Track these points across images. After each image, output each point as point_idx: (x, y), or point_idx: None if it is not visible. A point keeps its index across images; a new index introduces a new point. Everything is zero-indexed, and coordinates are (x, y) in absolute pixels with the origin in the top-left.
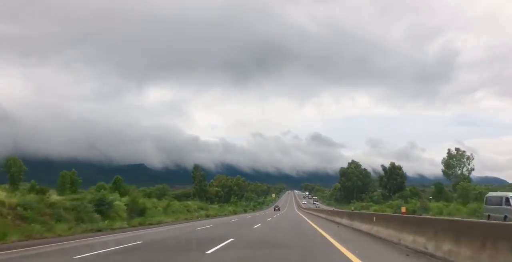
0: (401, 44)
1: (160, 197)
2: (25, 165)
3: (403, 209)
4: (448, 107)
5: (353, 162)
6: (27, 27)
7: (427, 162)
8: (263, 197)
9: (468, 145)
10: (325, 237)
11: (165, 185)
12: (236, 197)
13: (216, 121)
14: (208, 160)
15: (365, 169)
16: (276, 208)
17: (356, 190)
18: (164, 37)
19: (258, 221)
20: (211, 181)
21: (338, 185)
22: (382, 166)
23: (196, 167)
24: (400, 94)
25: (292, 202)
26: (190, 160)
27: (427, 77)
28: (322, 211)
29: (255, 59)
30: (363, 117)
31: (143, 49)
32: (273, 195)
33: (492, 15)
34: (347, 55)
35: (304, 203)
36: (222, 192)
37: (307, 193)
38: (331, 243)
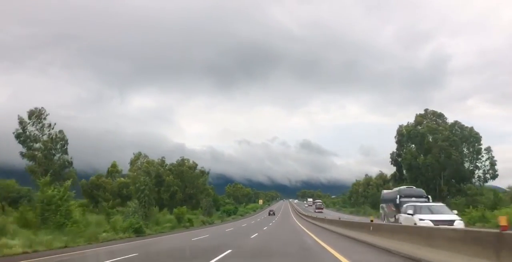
0: (391, 48)
1: None
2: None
3: None
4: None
5: (427, 111)
6: None
7: None
8: (243, 204)
9: None
10: None
11: None
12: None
13: (202, 129)
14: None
15: (467, 127)
16: (271, 213)
17: (447, 172)
18: (146, 42)
19: None
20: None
21: (368, 178)
22: None
23: (35, 114)
24: (391, 101)
25: (289, 213)
26: None
27: (418, 83)
28: None
29: (241, 64)
30: (353, 125)
31: (123, 54)
32: (261, 201)
33: (484, 20)
34: (335, 59)
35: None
36: (131, 188)
37: (310, 199)
38: None
